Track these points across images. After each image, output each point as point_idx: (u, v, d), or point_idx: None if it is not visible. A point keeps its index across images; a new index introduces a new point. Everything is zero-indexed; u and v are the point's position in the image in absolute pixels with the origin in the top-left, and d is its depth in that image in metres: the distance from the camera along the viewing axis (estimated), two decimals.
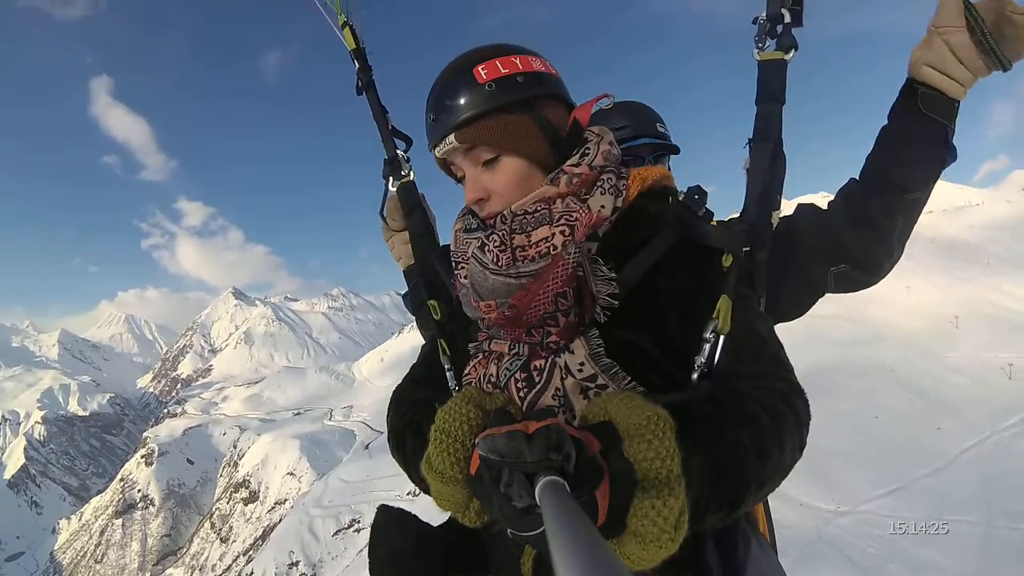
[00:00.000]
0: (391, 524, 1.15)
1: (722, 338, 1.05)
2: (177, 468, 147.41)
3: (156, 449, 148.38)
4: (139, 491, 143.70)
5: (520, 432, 0.68)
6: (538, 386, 1.05)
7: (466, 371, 1.20)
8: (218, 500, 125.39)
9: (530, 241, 1.04)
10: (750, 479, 0.85)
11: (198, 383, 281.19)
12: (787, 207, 1.25)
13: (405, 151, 1.56)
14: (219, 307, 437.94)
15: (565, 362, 1.05)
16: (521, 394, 1.05)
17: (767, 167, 1.17)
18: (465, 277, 1.13)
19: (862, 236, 1.39)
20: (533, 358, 1.08)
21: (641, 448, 0.73)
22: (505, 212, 1.10)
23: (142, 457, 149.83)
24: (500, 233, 1.06)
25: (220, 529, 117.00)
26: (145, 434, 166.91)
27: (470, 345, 1.23)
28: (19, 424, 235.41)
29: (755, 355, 1.02)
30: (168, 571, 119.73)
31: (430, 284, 1.44)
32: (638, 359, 1.05)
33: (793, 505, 6.77)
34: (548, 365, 1.06)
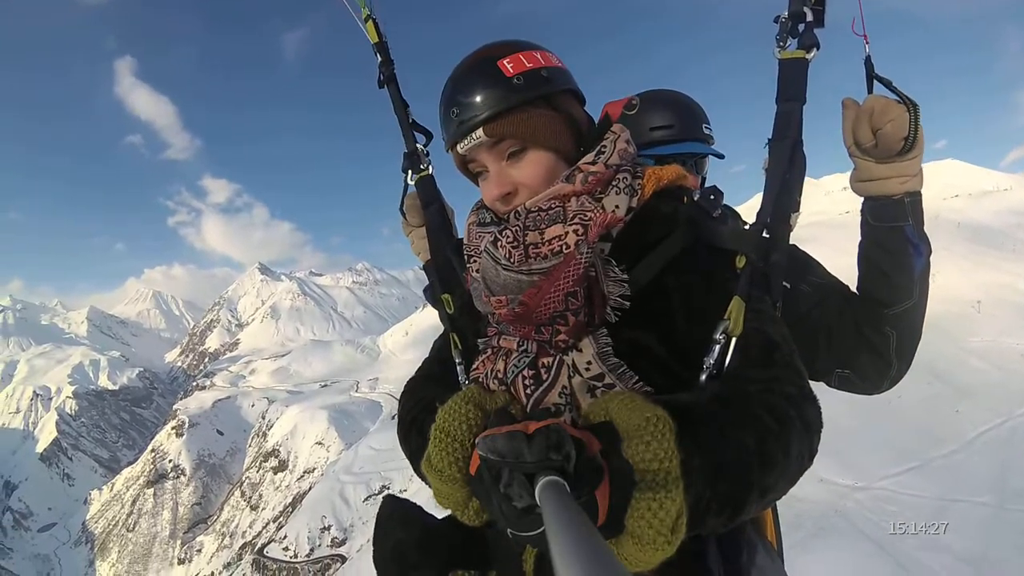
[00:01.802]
0: (395, 516, 1.15)
1: (733, 340, 1.05)
2: (207, 439, 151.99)
3: (186, 421, 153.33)
4: (170, 461, 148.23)
5: (520, 432, 0.69)
6: (545, 384, 1.05)
7: (474, 366, 1.20)
8: (248, 469, 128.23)
9: (543, 239, 1.04)
10: (752, 484, 0.84)
11: (226, 357, 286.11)
12: (817, 194, 1.58)
13: (425, 145, 1.55)
14: (245, 282, 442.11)
15: (573, 360, 1.05)
16: (528, 391, 1.06)
17: (786, 167, 1.15)
18: (477, 271, 1.13)
19: (859, 352, 1.40)
20: (541, 355, 1.08)
21: (639, 449, 0.73)
22: (519, 208, 1.10)
23: (172, 429, 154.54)
24: (513, 229, 1.07)
25: (250, 497, 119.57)
26: (175, 406, 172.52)
27: (479, 340, 1.23)
28: (50, 399, 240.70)
29: (765, 358, 1.01)
30: (199, 538, 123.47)
31: (444, 278, 1.44)
32: (646, 359, 1.05)
33: (812, 480, 6.92)
34: (556, 363, 1.06)
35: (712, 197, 1.21)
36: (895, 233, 1.29)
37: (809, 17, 1.16)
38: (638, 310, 1.06)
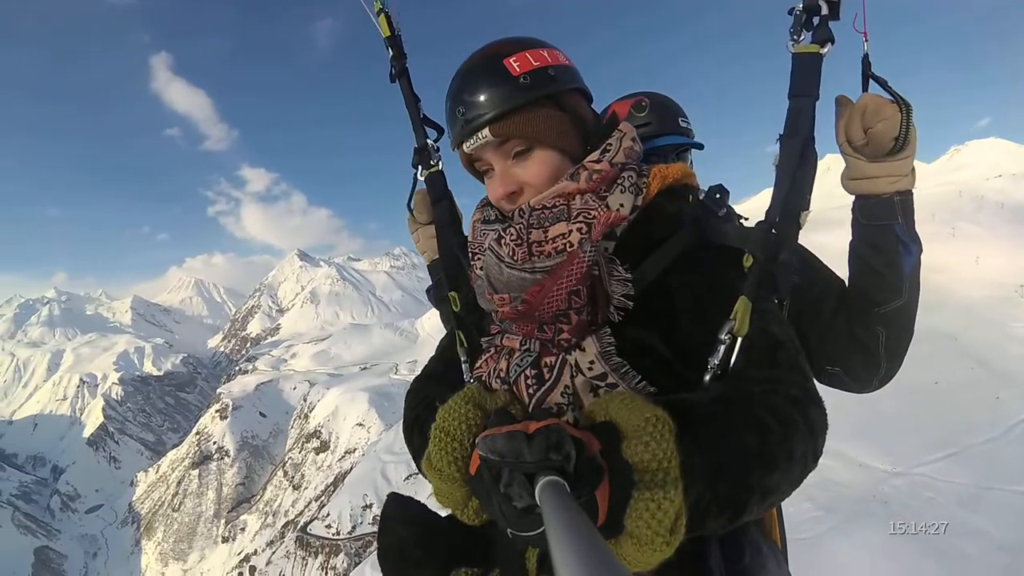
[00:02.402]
0: (399, 514, 1.15)
1: (739, 340, 1.04)
2: (250, 421, 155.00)
3: (230, 404, 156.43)
4: (214, 443, 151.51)
5: (520, 432, 0.69)
6: (547, 383, 1.04)
7: (477, 364, 1.20)
8: (290, 450, 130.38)
9: (547, 237, 1.03)
10: (754, 486, 0.83)
11: (267, 341, 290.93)
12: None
13: (435, 140, 1.53)
14: (285, 269, 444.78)
15: (575, 360, 1.04)
16: (530, 391, 1.05)
17: (796, 164, 1.13)
18: (481, 268, 1.13)
19: (849, 350, 1.39)
20: (544, 355, 1.07)
21: (638, 450, 0.73)
22: (523, 206, 1.09)
23: (216, 411, 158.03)
24: (517, 227, 1.06)
25: (292, 477, 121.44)
26: (219, 390, 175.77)
27: (482, 339, 1.24)
28: (96, 386, 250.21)
29: (770, 359, 1.00)
30: (243, 517, 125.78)
31: (452, 276, 1.43)
32: (650, 358, 1.04)
33: (851, 464, 7.02)
34: (559, 362, 1.05)
35: (718, 196, 1.21)
36: (885, 231, 1.29)
37: (824, 11, 1.13)
38: (642, 309, 1.06)
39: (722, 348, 1.02)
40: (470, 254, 1.22)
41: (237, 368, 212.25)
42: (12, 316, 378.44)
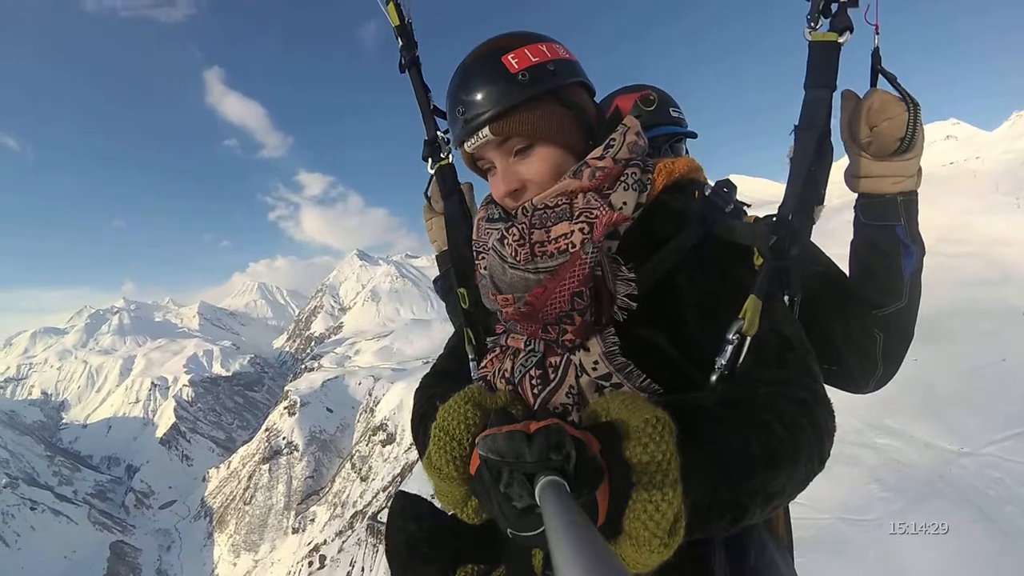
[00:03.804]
0: (407, 511, 1.14)
1: (748, 340, 1.01)
2: (317, 416, 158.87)
3: (297, 400, 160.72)
4: (283, 439, 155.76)
5: (520, 432, 0.68)
6: (552, 384, 1.03)
7: (482, 364, 1.20)
8: (357, 443, 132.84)
9: (549, 237, 1.02)
10: (756, 489, 0.82)
11: (330, 340, 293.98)
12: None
13: (446, 132, 1.48)
14: (345, 269, 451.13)
15: (580, 360, 1.02)
16: (535, 391, 1.04)
17: (812, 157, 1.11)
18: (485, 268, 1.12)
19: (846, 351, 1.35)
20: (549, 355, 1.06)
21: (637, 451, 0.72)
22: (526, 205, 1.08)
23: (285, 408, 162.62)
24: (520, 226, 1.05)
25: (360, 469, 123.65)
26: (286, 388, 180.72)
27: (488, 339, 1.23)
28: (168, 388, 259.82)
29: (780, 360, 0.98)
30: (312, 508, 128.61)
31: (461, 272, 1.39)
32: (655, 358, 1.03)
33: (917, 445, 6.93)
34: (563, 362, 1.04)
35: (725, 191, 1.18)
36: (886, 232, 1.26)
37: None
38: (648, 309, 1.04)
39: (730, 348, 1.00)
40: (475, 252, 1.21)
41: (303, 366, 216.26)
42: (83, 326, 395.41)
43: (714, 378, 1.01)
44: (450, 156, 1.50)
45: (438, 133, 1.49)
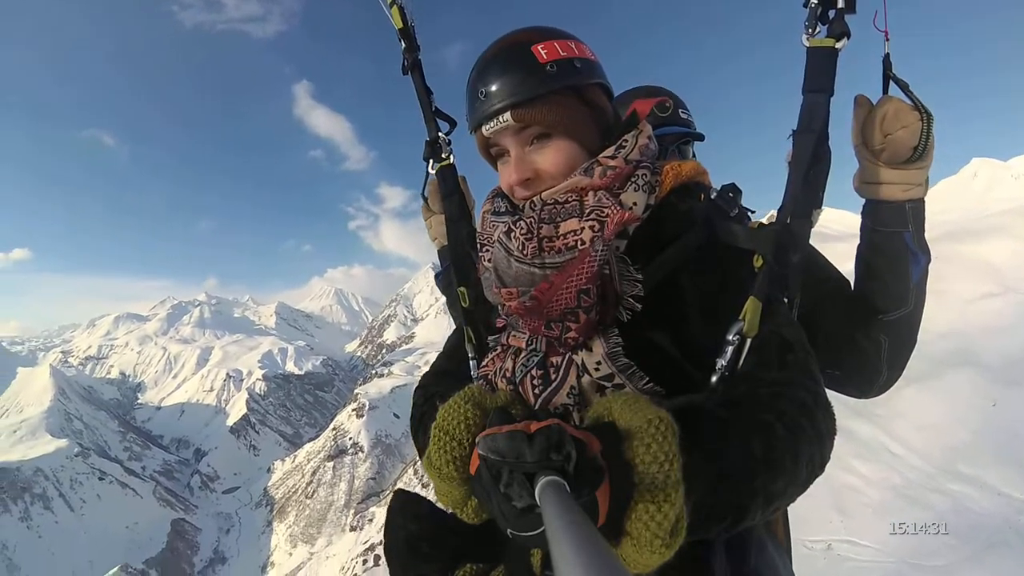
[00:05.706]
0: (407, 509, 1.14)
1: (748, 342, 1.01)
2: (384, 421, 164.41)
3: (366, 404, 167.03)
4: (350, 439, 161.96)
5: (521, 432, 0.68)
6: (554, 384, 1.03)
7: (483, 363, 1.20)
8: None
9: (558, 232, 1.01)
10: (757, 491, 0.82)
11: (402, 348, 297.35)
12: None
13: (447, 134, 1.50)
14: (420, 281, 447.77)
15: (582, 360, 1.02)
16: (536, 391, 1.04)
17: (810, 161, 1.11)
18: (489, 261, 1.11)
19: (850, 356, 1.36)
20: (550, 354, 1.06)
21: (639, 451, 0.71)
22: (535, 199, 1.08)
23: (353, 410, 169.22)
24: (528, 220, 1.04)
25: (422, 476, 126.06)
26: (356, 391, 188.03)
27: (489, 338, 1.23)
28: (242, 380, 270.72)
29: (780, 361, 0.98)
30: (371, 509, 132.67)
31: (461, 271, 1.40)
32: (657, 359, 1.02)
33: (990, 492, 6.40)
34: (565, 362, 1.04)
35: (730, 195, 1.22)
36: (894, 239, 1.26)
37: (840, 3, 1.10)
38: (652, 309, 1.04)
39: (730, 349, 1.01)
40: (479, 245, 1.19)
41: (373, 372, 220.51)
42: (165, 315, 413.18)
43: (714, 379, 1.01)
44: (451, 157, 1.51)
45: (439, 134, 1.49)
